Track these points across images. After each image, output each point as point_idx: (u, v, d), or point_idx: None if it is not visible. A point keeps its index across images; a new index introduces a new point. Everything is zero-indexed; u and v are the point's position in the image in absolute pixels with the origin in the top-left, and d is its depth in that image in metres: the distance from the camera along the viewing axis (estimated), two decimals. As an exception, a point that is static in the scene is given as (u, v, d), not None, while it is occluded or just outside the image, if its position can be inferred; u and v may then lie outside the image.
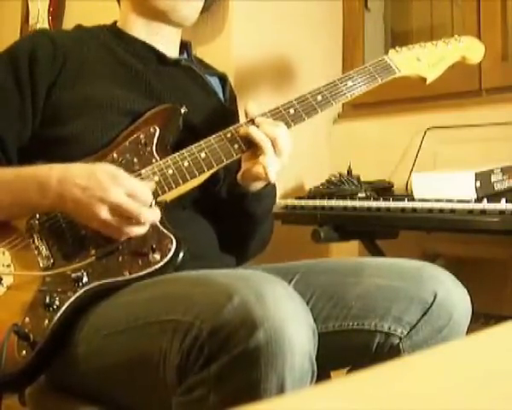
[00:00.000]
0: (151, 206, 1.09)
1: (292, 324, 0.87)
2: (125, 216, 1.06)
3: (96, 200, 1.04)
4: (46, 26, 2.65)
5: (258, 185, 1.22)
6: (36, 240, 1.12)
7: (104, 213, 1.04)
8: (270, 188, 1.24)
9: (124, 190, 1.05)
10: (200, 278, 1.02)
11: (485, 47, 1.46)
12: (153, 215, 1.09)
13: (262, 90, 2.09)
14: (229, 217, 1.27)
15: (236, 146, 1.15)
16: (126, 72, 1.27)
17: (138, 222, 1.07)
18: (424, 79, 1.35)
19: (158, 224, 1.10)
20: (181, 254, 1.08)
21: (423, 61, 1.35)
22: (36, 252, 1.12)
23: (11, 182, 1.12)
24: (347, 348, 1.16)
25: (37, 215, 1.13)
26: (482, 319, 1.68)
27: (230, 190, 1.25)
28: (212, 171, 1.15)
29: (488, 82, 1.91)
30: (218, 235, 1.28)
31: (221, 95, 1.42)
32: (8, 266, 1.11)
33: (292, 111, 1.19)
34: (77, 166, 1.10)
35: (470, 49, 1.43)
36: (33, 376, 1.08)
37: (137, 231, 1.08)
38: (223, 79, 1.45)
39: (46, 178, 1.08)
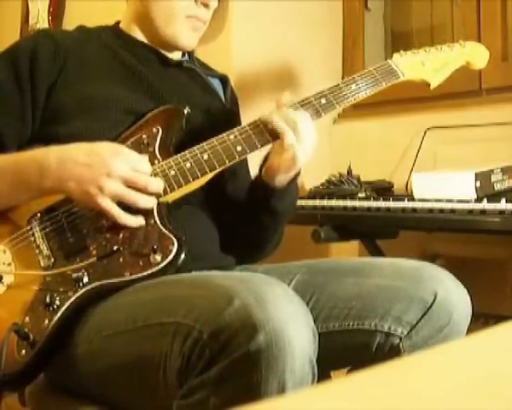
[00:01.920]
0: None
1: (292, 326, 0.87)
2: (132, 188, 1.07)
3: (102, 175, 1.05)
4: (46, 26, 2.65)
5: (282, 181, 1.21)
6: (37, 239, 1.12)
7: (111, 186, 1.05)
8: (293, 186, 1.24)
9: (127, 164, 1.06)
10: (200, 281, 1.01)
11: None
12: (159, 184, 1.10)
13: (262, 90, 2.09)
14: (250, 214, 1.26)
15: (239, 148, 1.15)
16: (128, 72, 1.27)
17: (146, 192, 1.08)
18: (428, 84, 1.35)
19: (160, 224, 1.11)
20: (182, 256, 1.08)
21: (428, 65, 1.35)
22: (37, 251, 1.12)
23: (9, 166, 1.12)
24: (347, 348, 1.16)
25: (38, 214, 1.13)
26: (482, 319, 1.68)
27: (253, 186, 1.25)
28: (214, 172, 1.15)
29: (488, 82, 1.91)
30: (224, 234, 1.28)
31: (222, 96, 1.42)
32: (9, 264, 1.11)
33: None
34: (74, 145, 1.10)
35: (475, 54, 1.42)
36: (33, 375, 1.08)
37: (145, 202, 1.08)
38: (224, 80, 1.45)
39: (44, 159, 1.08)
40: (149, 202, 1.10)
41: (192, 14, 1.29)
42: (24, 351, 1.03)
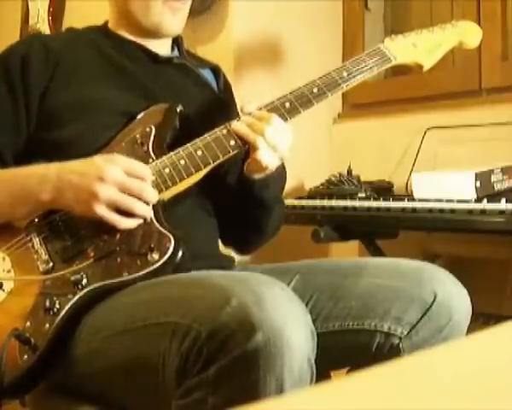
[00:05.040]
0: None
1: (290, 326, 0.87)
2: (127, 194, 1.06)
3: (95, 180, 1.05)
4: (46, 26, 2.65)
5: (261, 175, 1.20)
6: (35, 244, 1.12)
7: (105, 191, 1.04)
8: (276, 173, 1.21)
9: (121, 168, 1.06)
10: (198, 280, 1.01)
11: (485, 47, 1.46)
12: (153, 193, 1.09)
13: (262, 90, 2.09)
14: (240, 205, 1.26)
15: (233, 142, 1.15)
16: (119, 73, 1.27)
17: (140, 199, 1.07)
18: (421, 66, 1.32)
19: (156, 223, 1.10)
20: (180, 253, 1.08)
21: (419, 47, 1.32)
22: (35, 256, 1.11)
23: (9, 181, 1.13)
24: (347, 348, 1.16)
25: (36, 219, 1.13)
26: (482, 319, 1.68)
27: (238, 179, 1.25)
28: (208, 168, 1.15)
29: (488, 82, 1.91)
30: (224, 227, 1.28)
31: (215, 86, 1.42)
32: (9, 271, 1.11)
33: (287, 105, 1.19)
34: (74, 161, 1.11)
35: (467, 33, 1.39)
36: (35, 380, 1.07)
37: (141, 209, 1.08)
38: (215, 70, 1.45)
39: (44, 172, 1.09)
40: (146, 210, 1.09)
41: None
42: (26, 356, 1.03)
